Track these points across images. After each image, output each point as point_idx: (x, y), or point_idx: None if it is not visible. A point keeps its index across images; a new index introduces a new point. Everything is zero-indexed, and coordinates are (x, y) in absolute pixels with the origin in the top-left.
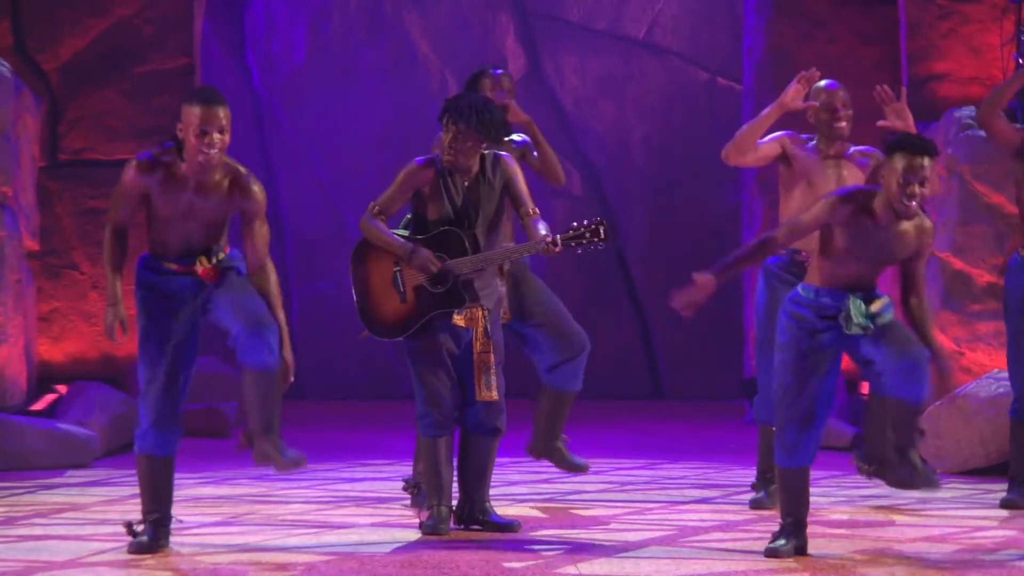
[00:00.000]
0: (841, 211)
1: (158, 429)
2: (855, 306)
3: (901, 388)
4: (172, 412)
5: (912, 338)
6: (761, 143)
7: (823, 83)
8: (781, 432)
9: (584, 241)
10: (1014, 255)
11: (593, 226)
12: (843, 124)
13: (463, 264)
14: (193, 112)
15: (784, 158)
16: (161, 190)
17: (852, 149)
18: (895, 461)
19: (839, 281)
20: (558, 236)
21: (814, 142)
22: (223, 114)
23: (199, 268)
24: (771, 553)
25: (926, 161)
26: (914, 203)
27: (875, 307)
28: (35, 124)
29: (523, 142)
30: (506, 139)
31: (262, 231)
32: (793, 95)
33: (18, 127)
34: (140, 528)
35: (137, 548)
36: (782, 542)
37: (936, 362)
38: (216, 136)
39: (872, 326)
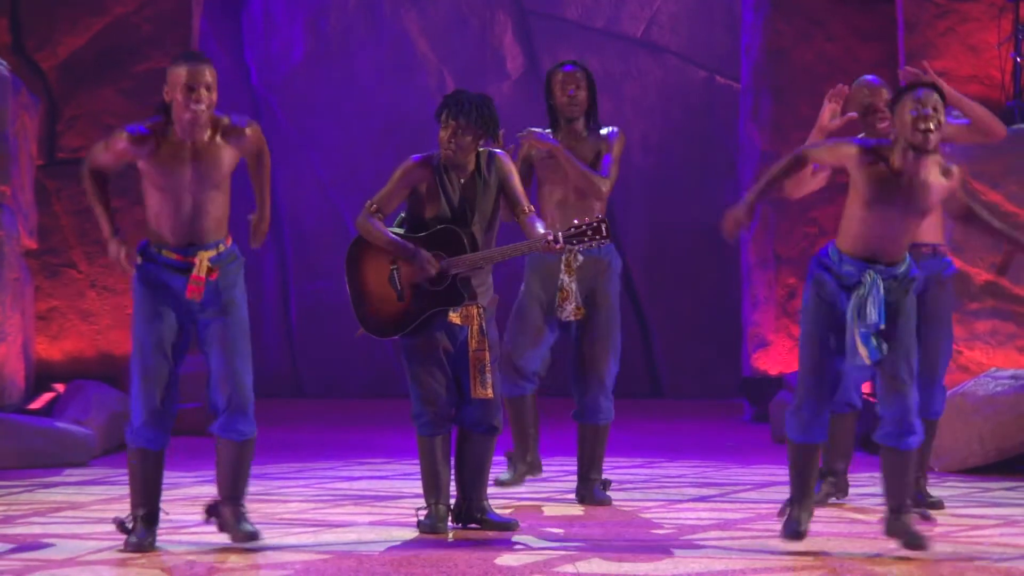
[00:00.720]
0: (864, 159)
1: (151, 424)
2: (860, 339)
3: (889, 437)
4: (165, 408)
5: (911, 370)
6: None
7: (865, 79)
8: (798, 408)
9: (586, 239)
10: None
11: (595, 224)
12: (886, 124)
13: (462, 262)
14: (179, 72)
15: (839, 169)
16: (156, 161)
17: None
18: (889, 517)
19: (867, 244)
20: (560, 234)
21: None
22: (209, 72)
23: (195, 271)
24: (793, 535)
25: (934, 94)
26: (930, 128)
27: (876, 342)
28: (33, 123)
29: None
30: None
31: (265, 159)
32: (829, 115)
33: (16, 126)
34: (131, 525)
35: (133, 547)
36: (797, 524)
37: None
38: (203, 92)
39: (876, 359)
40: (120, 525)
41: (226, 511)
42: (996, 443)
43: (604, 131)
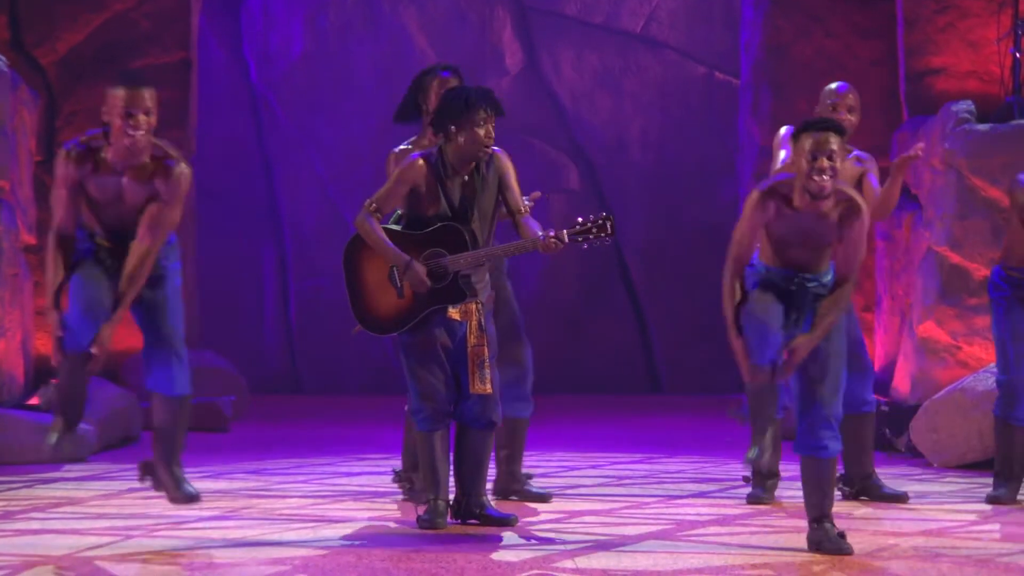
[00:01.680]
0: (767, 206)
1: (75, 331)
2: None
3: (803, 444)
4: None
5: (823, 382)
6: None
7: (834, 85)
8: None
9: (591, 236)
10: None
11: (600, 221)
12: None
13: (464, 259)
14: (118, 95)
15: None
16: (93, 176)
17: (853, 152)
18: (812, 526)
19: (785, 263)
20: (564, 231)
21: None
22: (148, 96)
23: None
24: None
25: (832, 137)
26: (824, 178)
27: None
28: (32, 118)
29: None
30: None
31: (168, 214)
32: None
33: (15, 121)
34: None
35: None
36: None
37: (788, 357)
38: (142, 118)
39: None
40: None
41: (163, 473)
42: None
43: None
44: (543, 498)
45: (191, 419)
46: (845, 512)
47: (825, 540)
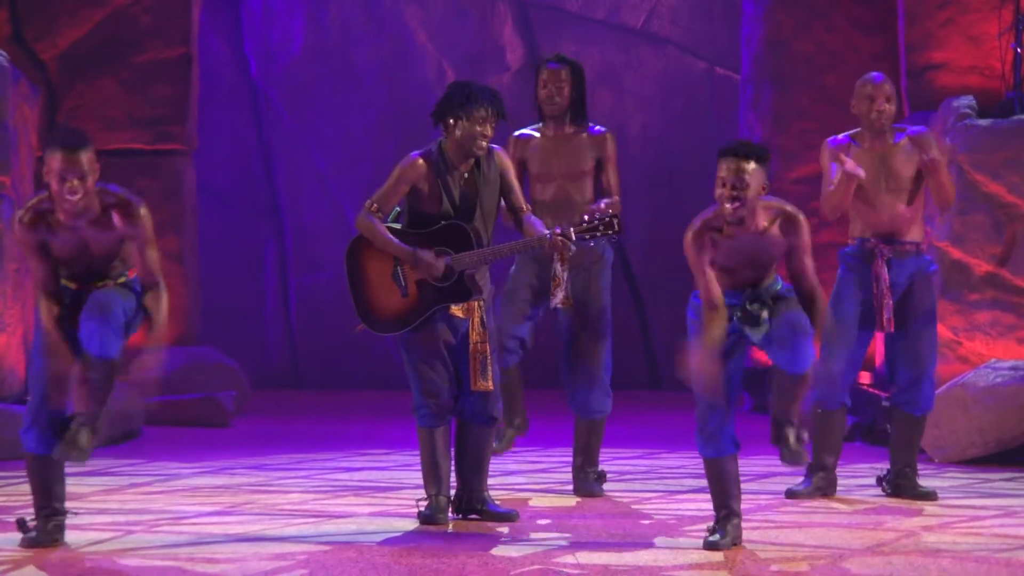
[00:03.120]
0: (703, 241)
1: (38, 428)
2: (752, 326)
3: (780, 357)
4: (51, 415)
5: (797, 307)
6: (833, 185)
7: (870, 75)
8: (703, 423)
9: (598, 234)
10: None
11: (607, 219)
12: (876, 115)
13: (470, 258)
14: (55, 158)
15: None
16: (52, 236)
17: (903, 135)
18: (773, 430)
19: (734, 285)
20: (571, 229)
21: (850, 137)
22: (85, 159)
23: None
24: (710, 547)
25: (743, 163)
26: (732, 205)
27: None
28: (33, 113)
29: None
30: None
31: (151, 255)
32: (851, 170)
33: (16, 117)
34: (32, 524)
35: (29, 543)
36: (717, 537)
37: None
38: (75, 183)
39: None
40: (21, 525)
41: (81, 427)
42: (996, 434)
43: (596, 131)
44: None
45: (193, 414)
46: (847, 508)
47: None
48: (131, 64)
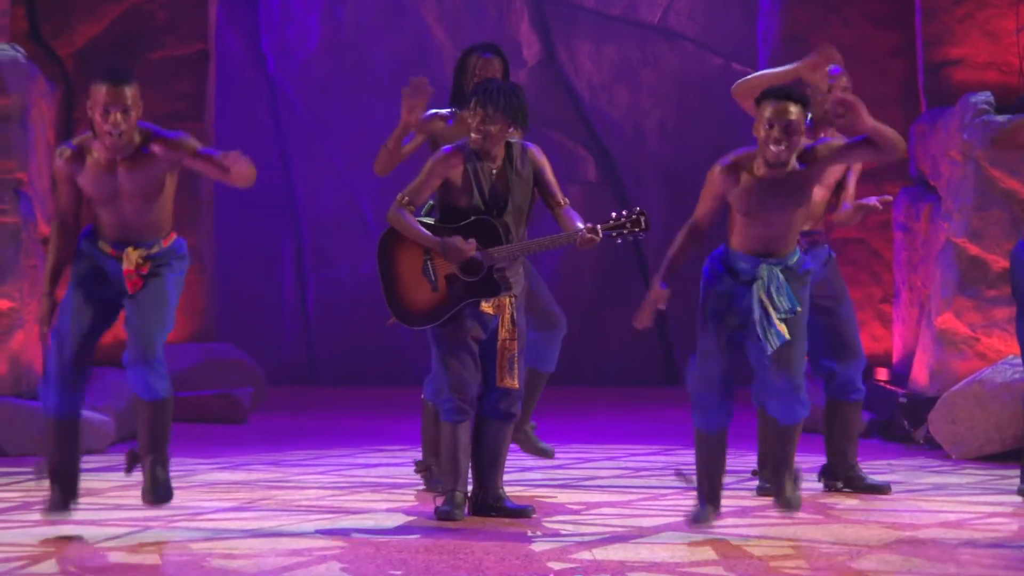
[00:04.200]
0: (728, 178)
1: (57, 390)
2: (770, 325)
3: (774, 407)
4: (73, 378)
5: (791, 354)
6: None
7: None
8: (696, 397)
9: (625, 231)
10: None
11: (634, 216)
12: (826, 109)
13: (500, 253)
14: (98, 90)
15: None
16: (88, 175)
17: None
18: (770, 474)
19: (753, 244)
20: (599, 226)
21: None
22: (129, 93)
23: (125, 265)
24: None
25: (791, 106)
26: (781, 148)
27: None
28: (50, 110)
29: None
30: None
31: (210, 156)
32: (812, 67)
33: (33, 113)
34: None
35: (49, 506)
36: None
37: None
38: (119, 116)
39: (783, 341)
40: (39, 470)
41: (144, 464)
42: (1013, 430)
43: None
44: (546, 452)
45: (210, 410)
46: (862, 504)
47: (779, 492)
48: (148, 60)
